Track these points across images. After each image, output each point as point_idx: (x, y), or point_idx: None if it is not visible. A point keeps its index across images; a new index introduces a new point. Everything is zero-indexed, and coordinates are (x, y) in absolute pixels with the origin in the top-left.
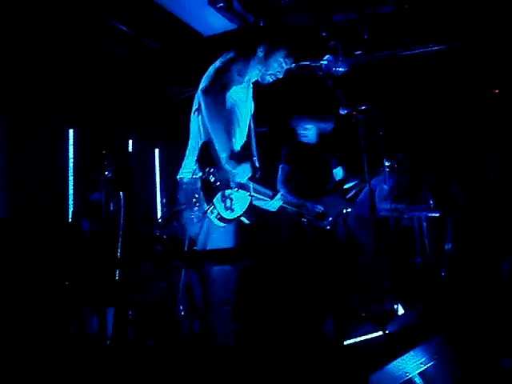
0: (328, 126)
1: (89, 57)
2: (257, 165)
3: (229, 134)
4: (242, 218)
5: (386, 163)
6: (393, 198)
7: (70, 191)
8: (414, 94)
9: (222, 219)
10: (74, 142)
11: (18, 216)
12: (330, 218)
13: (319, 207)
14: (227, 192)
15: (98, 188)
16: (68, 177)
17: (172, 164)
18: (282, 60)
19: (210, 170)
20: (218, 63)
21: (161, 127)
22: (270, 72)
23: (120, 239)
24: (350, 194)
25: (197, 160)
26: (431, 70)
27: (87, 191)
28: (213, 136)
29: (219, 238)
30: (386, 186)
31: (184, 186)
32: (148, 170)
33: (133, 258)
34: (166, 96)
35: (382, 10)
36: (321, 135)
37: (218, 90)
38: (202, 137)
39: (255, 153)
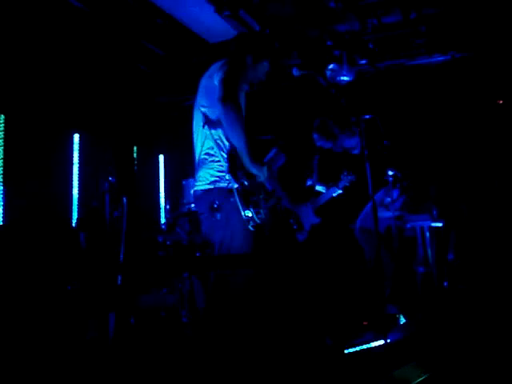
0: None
1: (95, 63)
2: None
3: (248, 139)
4: (254, 217)
5: (390, 172)
6: (396, 208)
7: (75, 196)
8: (419, 104)
9: (254, 223)
10: (79, 146)
11: (19, 222)
12: (306, 232)
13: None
14: (256, 197)
15: (101, 193)
16: (72, 181)
17: (176, 170)
18: (266, 64)
19: (243, 179)
20: (220, 74)
21: (165, 134)
22: (257, 76)
23: (122, 245)
24: (319, 204)
25: (229, 172)
26: (436, 81)
27: (90, 198)
28: (235, 143)
29: (243, 242)
30: (388, 198)
31: (203, 197)
32: (152, 176)
33: (136, 265)
34: (171, 103)
35: (387, 21)
36: None
37: (234, 98)
38: (222, 147)
39: None
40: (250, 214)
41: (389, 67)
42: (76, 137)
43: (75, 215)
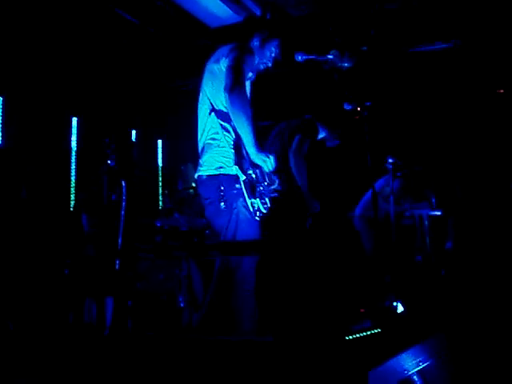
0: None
1: (94, 46)
2: None
3: (254, 129)
4: (260, 207)
5: (390, 160)
6: (395, 198)
7: (73, 179)
8: (419, 92)
9: (260, 213)
10: (77, 130)
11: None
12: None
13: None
14: (261, 187)
15: (99, 177)
16: (71, 165)
17: (174, 155)
18: (273, 49)
19: (249, 169)
20: (227, 61)
21: (164, 118)
22: (263, 60)
23: (121, 229)
24: None
25: (236, 164)
26: (437, 68)
27: (89, 181)
28: (241, 133)
29: (248, 229)
30: (388, 188)
31: (207, 183)
32: (150, 160)
33: (134, 249)
34: (170, 87)
35: (390, 7)
36: None
37: (240, 88)
38: (227, 133)
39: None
40: (256, 205)
41: (390, 54)
42: (74, 121)
43: (73, 199)
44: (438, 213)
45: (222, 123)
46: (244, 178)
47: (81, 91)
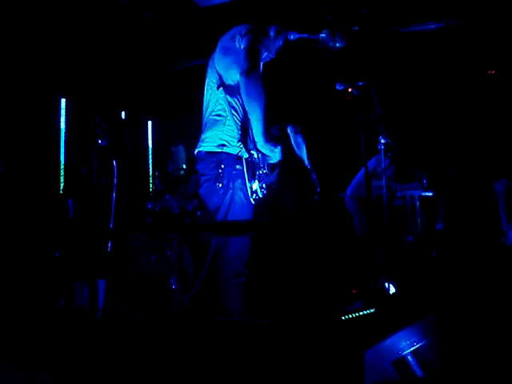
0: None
1: (82, 26)
2: None
3: (265, 116)
4: (258, 191)
5: (382, 140)
6: (387, 177)
7: (62, 161)
8: (412, 73)
9: (257, 196)
10: (66, 111)
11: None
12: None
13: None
14: (261, 171)
15: (89, 158)
16: (60, 147)
17: (165, 137)
18: (281, 43)
19: (253, 150)
20: (245, 41)
21: (154, 99)
22: (272, 51)
23: (112, 211)
24: None
25: (240, 140)
26: (429, 49)
27: (79, 164)
28: (252, 119)
29: (240, 212)
30: (380, 168)
31: (207, 159)
32: (140, 142)
33: (125, 230)
34: (161, 68)
35: None
36: None
37: (257, 72)
38: (235, 112)
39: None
40: (254, 187)
41: (382, 34)
42: (63, 102)
43: (63, 181)
44: (429, 194)
45: (230, 99)
46: (247, 156)
47: (69, 72)
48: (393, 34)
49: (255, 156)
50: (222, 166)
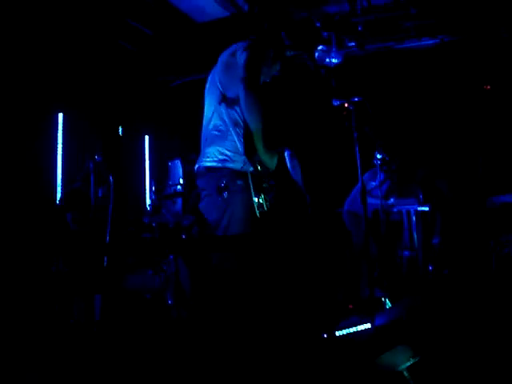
0: None
1: (81, 41)
2: None
3: (264, 127)
4: (263, 204)
5: (378, 156)
6: (384, 194)
7: (59, 176)
8: (406, 88)
9: (262, 210)
10: (63, 126)
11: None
12: None
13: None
14: (266, 184)
15: (86, 173)
16: (56, 161)
17: (162, 151)
18: (278, 67)
19: (257, 163)
20: (244, 56)
21: (151, 114)
22: (267, 74)
23: (109, 225)
24: None
25: (245, 154)
26: (424, 65)
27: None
28: (253, 129)
29: (241, 224)
30: (373, 182)
31: (208, 174)
32: (137, 157)
33: (122, 246)
34: (158, 83)
35: (377, 2)
36: None
37: (257, 86)
38: (236, 127)
39: None
40: (260, 200)
41: (378, 50)
42: (60, 116)
43: (59, 195)
44: (426, 208)
45: (232, 113)
46: (252, 169)
47: (67, 86)
48: (388, 50)
49: (259, 169)
50: (224, 181)
